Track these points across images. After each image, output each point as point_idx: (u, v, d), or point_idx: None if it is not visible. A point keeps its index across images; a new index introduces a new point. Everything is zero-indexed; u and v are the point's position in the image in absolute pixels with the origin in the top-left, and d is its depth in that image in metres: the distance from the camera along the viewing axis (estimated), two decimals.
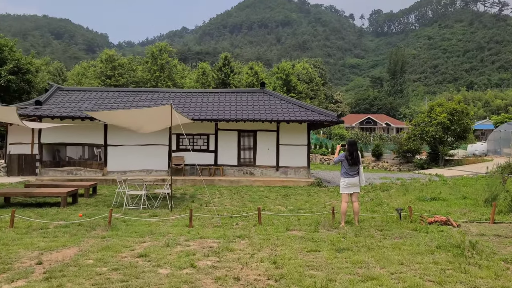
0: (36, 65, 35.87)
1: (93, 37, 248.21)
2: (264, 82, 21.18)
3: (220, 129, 19.01)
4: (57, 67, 55.66)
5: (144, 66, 47.58)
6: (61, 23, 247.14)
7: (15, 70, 32.35)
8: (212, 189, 16.21)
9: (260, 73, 49.87)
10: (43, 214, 9.78)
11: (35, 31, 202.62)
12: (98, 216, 9.35)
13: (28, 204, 11.43)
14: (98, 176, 18.28)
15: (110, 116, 10.72)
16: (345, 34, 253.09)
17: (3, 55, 32.43)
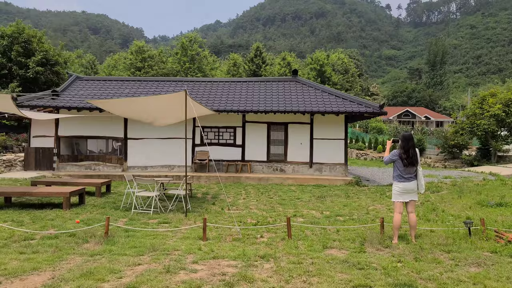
0: (65, 57, 35.35)
1: (128, 32, 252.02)
2: (297, 70, 19.30)
3: (248, 121, 17.37)
4: (89, 60, 55.62)
5: (174, 58, 46.57)
6: (99, 19, 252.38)
7: (44, 61, 31.87)
8: (238, 187, 14.63)
9: (293, 64, 47.80)
10: (39, 218, 8.45)
11: (74, 26, 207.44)
12: (99, 223, 7.92)
13: (30, 205, 10.19)
14: (117, 171, 17.07)
15: (115, 105, 9.28)
16: (381, 25, 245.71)
17: (32, 46, 32.00)
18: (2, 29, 32.31)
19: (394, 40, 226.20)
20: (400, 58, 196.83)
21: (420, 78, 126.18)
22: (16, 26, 32.08)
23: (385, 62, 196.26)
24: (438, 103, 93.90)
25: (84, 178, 15.69)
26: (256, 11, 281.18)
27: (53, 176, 15.88)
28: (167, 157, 17.18)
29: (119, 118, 16.99)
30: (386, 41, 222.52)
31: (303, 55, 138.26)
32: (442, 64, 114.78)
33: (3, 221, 8.11)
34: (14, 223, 7.89)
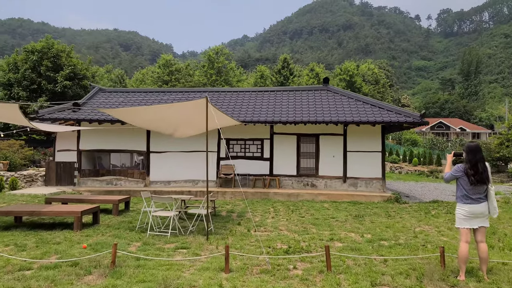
0: (93, 71, 35.41)
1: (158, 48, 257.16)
2: (328, 78, 18.14)
3: (276, 133, 16.29)
4: (118, 74, 56.15)
5: (201, 70, 46.28)
6: (130, 36, 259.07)
7: (72, 75, 31.91)
8: (266, 204, 13.50)
9: (321, 75, 46.60)
10: (45, 241, 7.57)
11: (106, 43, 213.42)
12: (109, 248, 6.97)
13: (40, 225, 9.39)
14: (139, 186, 16.27)
15: (128, 113, 8.39)
16: (411, 36, 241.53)
17: (61, 61, 32.15)
18: (32, 44, 32.67)
19: (424, 50, 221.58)
20: (431, 69, 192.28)
21: (453, 89, 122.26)
22: (46, 41, 32.37)
23: (415, 73, 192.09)
24: (474, 114, 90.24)
25: (104, 194, 14.98)
26: (283, 25, 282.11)
27: (73, 191, 15.22)
28: (191, 171, 16.27)
29: (141, 131, 16.26)
30: (415, 52, 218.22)
31: (331, 67, 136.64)
32: (476, 74, 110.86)
33: (5, 245, 7.28)
34: (16, 248, 7.04)
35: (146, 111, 8.11)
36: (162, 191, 15.14)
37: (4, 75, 31.58)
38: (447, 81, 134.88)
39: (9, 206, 9.43)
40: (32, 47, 31.99)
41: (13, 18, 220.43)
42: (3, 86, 31.33)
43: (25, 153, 27.37)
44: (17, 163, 25.63)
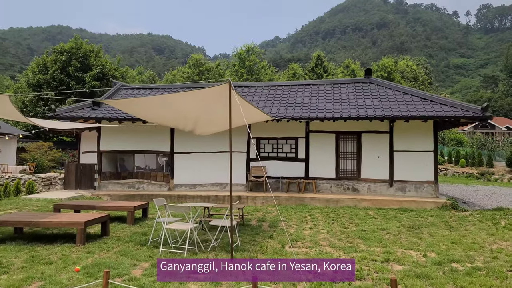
0: (122, 71, 34.80)
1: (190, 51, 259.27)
2: (370, 69, 16.26)
3: (313, 131, 14.60)
4: (149, 76, 55.80)
5: (232, 69, 45.04)
6: (163, 39, 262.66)
7: (100, 76, 31.33)
8: (302, 211, 11.86)
9: (357, 72, 44.41)
10: (36, 260, 6.26)
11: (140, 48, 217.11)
12: (110, 269, 5.57)
13: (41, 237, 8.14)
14: (163, 190, 14.97)
15: (136, 105, 6.97)
16: (448, 33, 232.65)
17: (89, 61, 31.66)
18: (61, 45, 32.38)
19: (463, 48, 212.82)
20: (471, 66, 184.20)
21: (496, 86, 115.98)
22: (75, 41, 31.97)
23: (454, 71, 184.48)
24: None
25: (125, 198, 13.77)
26: (315, 25, 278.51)
27: (92, 196, 14.09)
28: (218, 173, 14.81)
29: (164, 130, 14.97)
30: (454, 49, 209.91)
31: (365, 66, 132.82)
32: None
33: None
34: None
35: (154, 102, 6.66)
36: (186, 195, 13.77)
37: (34, 76, 31.39)
38: (490, 79, 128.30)
39: (5, 216, 8.24)
40: (61, 47, 31.67)
41: (53, 25, 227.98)
42: (33, 87, 31.09)
43: (53, 155, 26.86)
44: (45, 165, 25.09)
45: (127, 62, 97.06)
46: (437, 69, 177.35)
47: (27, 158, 25.37)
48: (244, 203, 13.25)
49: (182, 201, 13.63)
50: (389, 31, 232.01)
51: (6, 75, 70.24)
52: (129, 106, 7.27)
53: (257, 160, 14.66)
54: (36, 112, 29.70)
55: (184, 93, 6.16)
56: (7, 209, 11.73)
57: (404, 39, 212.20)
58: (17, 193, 14.21)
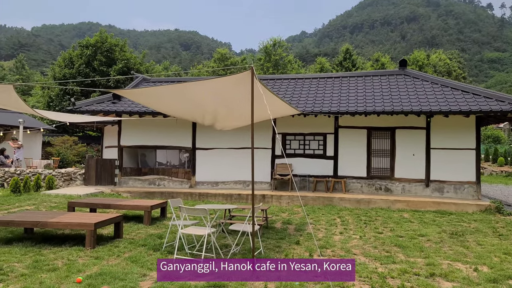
0: (147, 66, 34.55)
1: (217, 46, 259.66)
2: (405, 60, 15.16)
3: (342, 126, 13.69)
4: (175, 71, 55.70)
5: (257, 64, 44.29)
6: (190, 35, 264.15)
7: (125, 70, 31.12)
8: (331, 212, 11.03)
9: (387, 65, 42.82)
10: (39, 266, 5.70)
11: (167, 43, 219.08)
12: (117, 280, 4.95)
13: (51, 238, 7.63)
14: (184, 188, 14.39)
15: (149, 95, 6.29)
16: (482, 26, 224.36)
17: (114, 55, 31.50)
18: (87, 39, 32.36)
19: (498, 41, 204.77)
20: (506, 61, 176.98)
21: None
22: (100, 35, 31.87)
23: (488, 65, 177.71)
24: None
25: (145, 195, 13.27)
26: (342, 19, 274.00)
27: (111, 192, 13.65)
28: (242, 171, 14.11)
29: (186, 124, 14.37)
30: (488, 43, 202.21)
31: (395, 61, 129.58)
32: None
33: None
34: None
35: (170, 92, 5.97)
36: (208, 193, 13.14)
37: (60, 71, 31.48)
38: None
39: (11, 215, 7.78)
40: (86, 41, 31.63)
41: (83, 22, 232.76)
42: (59, 81, 31.20)
43: (78, 150, 26.83)
44: (70, 160, 25.05)
45: (154, 58, 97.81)
46: (470, 63, 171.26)
47: (53, 153, 25.40)
48: (268, 202, 12.52)
49: (204, 199, 13.01)
50: (420, 24, 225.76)
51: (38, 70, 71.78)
52: (145, 96, 6.63)
53: (282, 157, 13.88)
54: (62, 106, 29.78)
55: (201, 82, 5.45)
56: (24, 205, 11.39)
57: (435, 33, 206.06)
58: (37, 189, 13.92)
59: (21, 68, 62.57)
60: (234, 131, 12.03)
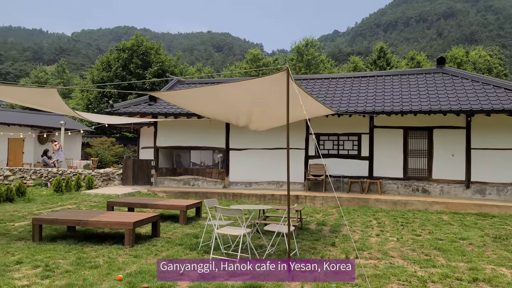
0: (181, 68, 35.14)
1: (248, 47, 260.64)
2: (444, 58, 14.73)
3: (378, 126, 13.46)
4: (208, 72, 56.40)
5: (289, 64, 44.20)
6: (222, 37, 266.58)
7: (160, 72, 31.80)
8: (366, 214, 10.86)
9: (423, 64, 41.71)
10: (82, 263, 5.91)
11: (200, 45, 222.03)
12: (153, 282, 5.07)
13: (91, 236, 7.89)
14: (218, 188, 14.55)
15: (189, 97, 6.40)
16: None
17: (149, 58, 32.23)
18: (123, 43, 33.25)
19: None
20: None
21: None
22: (136, 39, 32.67)
23: None
24: None
25: (180, 195, 13.50)
26: (376, 17, 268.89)
27: (148, 192, 13.97)
28: (275, 171, 14.10)
29: (219, 125, 14.52)
30: None
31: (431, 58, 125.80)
32: None
33: (35, 266, 5.72)
34: (43, 272, 5.43)
35: (205, 93, 6.05)
36: (242, 193, 13.22)
37: (99, 74, 32.52)
38: None
39: (55, 214, 8.08)
40: (123, 45, 32.51)
41: (120, 26, 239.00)
42: (97, 84, 32.23)
43: (115, 150, 27.63)
44: (108, 160, 25.84)
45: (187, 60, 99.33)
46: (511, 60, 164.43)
47: (91, 153, 26.28)
48: (301, 203, 12.46)
49: (237, 199, 13.10)
50: (457, 20, 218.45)
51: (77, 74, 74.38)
52: (181, 98, 6.75)
53: (316, 158, 13.78)
54: (100, 108, 30.75)
55: (236, 83, 5.50)
56: (66, 204, 11.84)
57: (474, 29, 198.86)
58: (77, 188, 14.44)
59: (62, 72, 65.06)
60: (267, 131, 12.01)
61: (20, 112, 27.39)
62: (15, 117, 23.70)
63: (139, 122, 16.43)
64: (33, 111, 28.02)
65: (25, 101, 7.77)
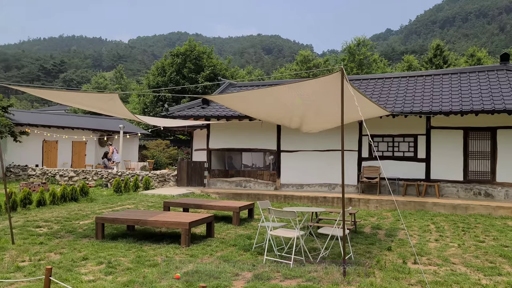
0: (232, 71, 35.68)
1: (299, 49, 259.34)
2: (508, 54, 13.86)
3: (435, 127, 12.92)
4: (258, 75, 56.85)
5: (340, 64, 43.55)
6: (272, 39, 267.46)
7: (211, 76, 32.48)
8: (423, 218, 10.45)
9: (484, 61, 39.51)
10: (142, 261, 6.15)
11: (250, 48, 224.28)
12: (211, 278, 5.19)
13: (149, 235, 8.20)
14: (269, 190, 14.60)
15: (242, 100, 6.49)
16: None
17: (202, 62, 33.00)
18: (177, 48, 34.31)
19: None
20: None
21: None
22: (189, 44, 33.59)
23: None
24: None
25: (232, 197, 13.70)
26: (431, 14, 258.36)
27: (201, 193, 14.30)
28: (328, 173, 13.95)
29: (270, 127, 14.58)
30: None
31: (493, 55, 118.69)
32: None
33: (98, 262, 6.04)
34: (106, 269, 5.71)
35: (258, 96, 6.11)
36: (293, 196, 13.18)
37: (154, 79, 33.76)
38: None
39: (116, 213, 8.46)
40: (177, 50, 33.54)
41: (173, 32, 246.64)
42: (153, 89, 33.47)
43: (170, 152, 28.55)
44: (162, 162, 26.75)
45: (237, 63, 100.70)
46: None
47: (148, 155, 27.33)
48: (355, 206, 12.23)
49: (289, 201, 13.09)
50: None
51: (134, 79, 77.64)
52: (233, 101, 6.87)
53: (369, 160, 13.47)
54: (155, 112, 31.90)
55: (289, 85, 5.51)
56: (125, 204, 12.38)
57: None
58: (135, 189, 15.06)
59: (120, 77, 68.18)
60: (318, 133, 11.96)
61: (82, 117, 29.04)
62: (78, 121, 25.15)
63: (192, 125, 16.91)
64: (94, 115, 29.60)
65: (89, 105, 8.26)
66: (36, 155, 21.51)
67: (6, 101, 20.27)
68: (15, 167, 19.13)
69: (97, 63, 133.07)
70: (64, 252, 6.61)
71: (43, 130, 21.39)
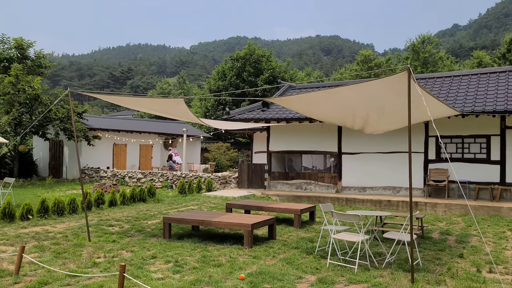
0: (291, 74, 35.69)
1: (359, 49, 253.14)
2: None
3: (510, 126, 12.06)
4: (317, 76, 56.35)
5: (404, 63, 41.96)
6: (331, 40, 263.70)
7: (271, 79, 32.71)
8: (498, 224, 9.80)
9: None
10: (207, 260, 6.33)
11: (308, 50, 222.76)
12: (276, 280, 5.24)
13: (213, 236, 8.42)
14: (330, 192, 14.41)
15: (304, 101, 6.45)
16: None
17: (261, 65, 33.33)
18: (237, 52, 34.93)
19: None
20: None
21: None
22: (248, 48, 34.07)
23: None
24: None
25: (292, 199, 13.68)
26: (504, 6, 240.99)
27: (262, 195, 14.42)
28: (391, 176, 13.50)
29: (331, 129, 14.39)
30: None
31: None
32: None
33: (166, 261, 6.30)
34: (174, 267, 5.94)
35: (320, 97, 6.06)
36: (355, 199, 12.90)
37: (215, 83, 34.62)
38: None
39: (181, 214, 8.76)
40: (236, 54, 34.15)
41: (232, 37, 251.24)
42: (214, 93, 34.34)
43: (230, 155, 29.12)
44: (223, 164, 27.35)
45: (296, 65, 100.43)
46: None
47: (209, 158, 28.07)
48: (421, 210, 11.73)
49: (351, 205, 12.83)
50: None
51: (195, 84, 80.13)
52: (295, 103, 6.88)
53: (436, 162, 12.85)
54: (216, 116, 32.69)
55: (352, 86, 5.41)
56: (189, 205, 12.80)
57: None
58: (198, 190, 15.52)
59: (183, 83, 70.60)
60: (381, 135, 11.66)
61: (148, 121, 30.44)
62: (145, 126, 26.39)
63: (252, 128, 17.13)
64: (159, 119, 30.86)
65: (157, 110, 8.66)
66: (107, 157, 22.84)
67: (81, 108, 21.81)
68: (89, 169, 20.46)
69: (161, 70, 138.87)
70: (135, 250, 6.97)
71: (113, 134, 22.68)
